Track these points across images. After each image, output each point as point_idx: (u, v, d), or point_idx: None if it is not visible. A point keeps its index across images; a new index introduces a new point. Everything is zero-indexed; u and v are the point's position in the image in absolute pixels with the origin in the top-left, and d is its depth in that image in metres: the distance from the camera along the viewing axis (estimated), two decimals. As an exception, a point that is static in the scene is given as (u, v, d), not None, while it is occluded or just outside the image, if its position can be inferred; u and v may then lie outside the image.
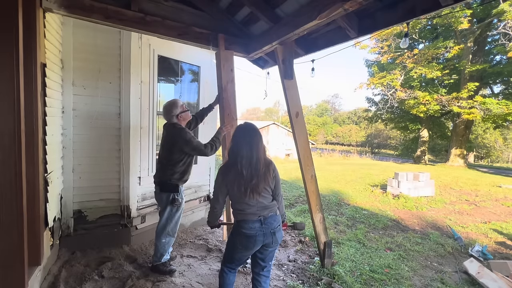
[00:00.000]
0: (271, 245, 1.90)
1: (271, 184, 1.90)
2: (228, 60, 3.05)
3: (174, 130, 2.56)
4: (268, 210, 1.89)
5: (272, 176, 1.90)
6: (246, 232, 1.82)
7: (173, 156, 2.55)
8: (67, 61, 2.83)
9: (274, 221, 1.89)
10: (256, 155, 1.83)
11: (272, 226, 1.88)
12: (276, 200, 1.96)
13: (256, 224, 1.83)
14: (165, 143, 2.63)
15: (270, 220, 1.88)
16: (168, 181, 2.58)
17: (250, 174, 1.80)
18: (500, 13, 13.57)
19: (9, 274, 1.79)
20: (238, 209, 1.87)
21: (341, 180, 10.41)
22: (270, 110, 69.46)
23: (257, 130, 1.93)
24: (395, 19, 2.24)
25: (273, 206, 1.93)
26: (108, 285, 2.41)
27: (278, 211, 1.98)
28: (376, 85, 19.40)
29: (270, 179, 1.88)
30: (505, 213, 6.48)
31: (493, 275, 3.15)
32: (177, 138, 2.51)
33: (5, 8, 1.71)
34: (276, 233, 1.89)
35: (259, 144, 1.86)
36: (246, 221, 1.83)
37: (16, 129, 1.76)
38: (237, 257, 1.95)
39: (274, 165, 1.95)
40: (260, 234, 1.83)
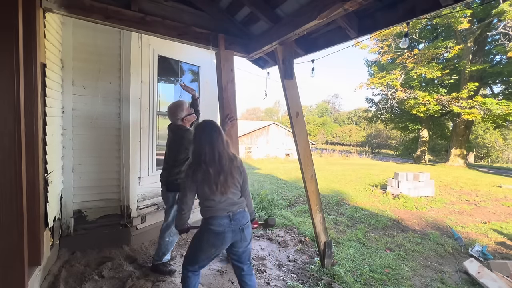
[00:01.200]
0: (240, 243, 1.88)
1: (239, 179, 1.89)
2: (228, 60, 3.05)
3: (179, 131, 2.61)
4: (237, 206, 1.87)
5: (239, 171, 1.88)
6: (215, 229, 1.79)
7: (179, 157, 2.59)
8: (67, 61, 2.83)
9: (242, 218, 1.88)
10: (218, 150, 1.80)
11: (241, 223, 1.86)
12: (243, 197, 1.95)
13: (225, 220, 1.80)
14: (171, 144, 2.68)
15: (239, 216, 1.86)
16: (174, 180, 2.60)
17: (217, 171, 1.77)
18: (500, 13, 13.58)
19: (9, 274, 1.79)
20: (207, 206, 1.83)
21: (341, 180, 10.41)
22: (270, 110, 69.48)
23: (215, 125, 1.90)
24: (395, 19, 2.24)
25: (242, 202, 1.92)
26: (108, 285, 2.41)
27: (247, 208, 1.97)
28: (376, 85, 19.42)
29: (237, 174, 1.87)
30: (505, 213, 6.48)
31: (493, 275, 3.15)
32: (183, 140, 2.56)
33: (5, 8, 1.71)
34: (244, 230, 1.87)
35: (219, 139, 1.83)
36: (215, 217, 1.80)
37: (16, 129, 1.76)
38: (202, 257, 1.89)
39: (240, 160, 1.93)
40: (229, 230, 1.81)
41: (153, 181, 3.45)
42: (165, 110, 3.93)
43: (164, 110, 3.80)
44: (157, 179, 3.43)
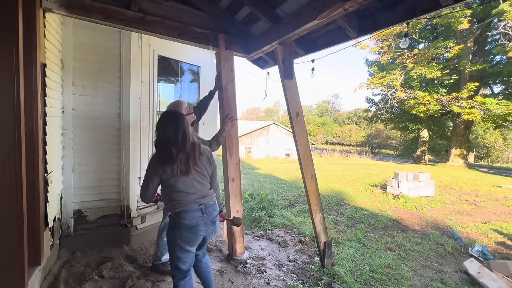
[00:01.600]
0: (210, 235, 1.89)
1: (208, 168, 1.85)
2: (228, 60, 3.05)
3: None
4: (208, 198, 1.85)
5: (208, 160, 1.85)
6: (187, 223, 1.73)
7: None
8: (67, 61, 2.83)
9: (214, 210, 1.87)
10: (183, 132, 1.74)
11: (212, 215, 1.85)
12: (213, 189, 1.93)
13: (197, 213, 1.76)
14: None
15: (210, 209, 1.84)
16: None
17: (179, 150, 1.71)
18: (500, 13, 13.58)
19: (9, 274, 1.79)
20: (176, 199, 1.76)
21: (341, 180, 10.41)
22: (270, 110, 69.49)
23: (176, 112, 1.85)
24: (395, 19, 2.24)
25: (212, 194, 1.90)
26: (108, 285, 2.41)
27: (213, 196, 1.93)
28: (376, 85, 19.42)
29: (206, 163, 1.84)
30: (505, 213, 6.48)
31: (493, 275, 3.15)
32: None
33: (5, 8, 1.71)
34: (215, 222, 1.88)
35: (183, 123, 1.77)
36: (186, 211, 1.74)
37: (16, 129, 1.76)
38: (181, 257, 1.80)
39: (210, 151, 1.91)
40: (202, 223, 1.77)
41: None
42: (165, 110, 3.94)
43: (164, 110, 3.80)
44: (157, 179, 3.44)
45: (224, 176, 3.11)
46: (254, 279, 2.75)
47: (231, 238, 3.06)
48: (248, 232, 4.20)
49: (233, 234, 3.02)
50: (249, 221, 4.72)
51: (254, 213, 5.00)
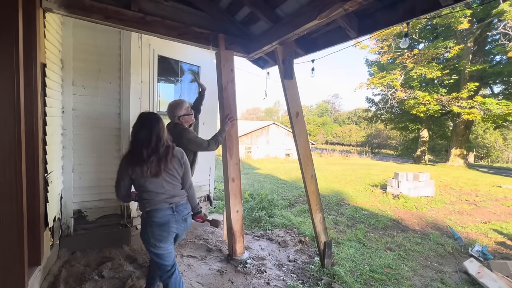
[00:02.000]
0: (182, 233, 1.95)
1: (179, 170, 1.89)
2: (228, 60, 3.05)
3: (176, 129, 2.59)
4: (179, 197, 1.90)
5: (178, 162, 1.88)
6: (158, 221, 1.79)
7: None
8: (67, 61, 2.83)
9: (185, 209, 1.93)
10: (156, 135, 1.78)
11: (184, 213, 1.90)
12: (185, 190, 1.96)
13: (168, 212, 1.82)
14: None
15: (181, 207, 1.90)
16: None
17: (150, 153, 1.75)
18: (500, 13, 13.57)
19: (9, 274, 1.79)
20: (146, 198, 1.82)
21: (341, 180, 10.41)
22: (270, 110, 69.47)
23: (151, 115, 1.87)
24: (395, 19, 2.24)
25: (183, 194, 1.94)
26: (108, 285, 2.41)
27: (184, 196, 1.97)
28: (376, 85, 19.42)
29: (176, 164, 1.86)
30: (505, 213, 6.48)
31: (493, 275, 3.15)
32: (180, 138, 2.53)
33: (5, 8, 1.71)
34: (187, 220, 1.93)
35: (158, 125, 1.81)
36: (157, 209, 1.81)
37: (16, 129, 1.76)
38: (160, 254, 1.85)
39: (182, 152, 1.93)
40: (173, 220, 1.83)
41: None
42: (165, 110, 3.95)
43: (164, 110, 3.80)
44: (157, 179, 3.44)
45: (224, 176, 3.11)
46: (254, 279, 2.75)
47: (231, 238, 3.06)
48: (248, 232, 4.20)
49: (233, 234, 3.02)
50: (249, 221, 4.72)
51: (254, 213, 5.00)
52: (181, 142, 2.54)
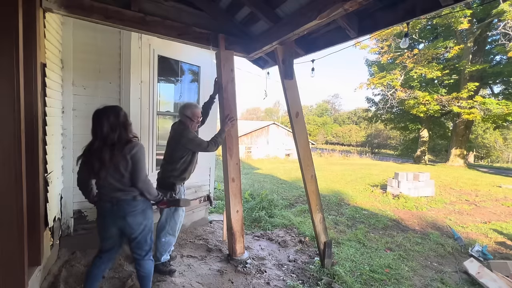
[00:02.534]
0: (126, 230, 1.92)
1: (126, 165, 1.82)
2: (228, 60, 3.05)
3: (179, 127, 2.66)
4: (121, 193, 1.87)
5: (125, 158, 1.81)
6: (99, 212, 1.94)
7: (175, 154, 2.62)
8: (67, 61, 2.83)
9: (127, 206, 1.88)
10: (106, 129, 1.79)
11: (124, 210, 1.87)
12: (135, 187, 1.89)
13: (107, 205, 1.88)
14: (171, 141, 2.73)
15: (123, 203, 1.87)
16: (166, 178, 2.64)
17: (97, 148, 1.81)
18: (500, 13, 13.58)
19: (9, 274, 1.79)
20: (97, 190, 1.94)
21: (341, 180, 10.41)
22: (270, 110, 69.43)
23: (107, 108, 1.86)
24: (395, 19, 2.24)
25: (129, 190, 1.89)
26: (108, 285, 2.41)
27: (139, 197, 1.92)
28: (376, 85, 19.42)
29: (123, 160, 1.80)
30: (505, 213, 6.48)
31: (493, 275, 3.15)
32: (180, 137, 2.59)
33: (5, 8, 1.71)
34: (126, 217, 1.88)
35: (106, 120, 1.81)
36: (100, 201, 1.91)
37: (16, 129, 1.75)
38: (100, 238, 1.99)
39: (132, 147, 1.83)
40: (110, 215, 1.89)
41: (153, 181, 3.43)
42: (165, 110, 3.95)
43: (164, 110, 3.80)
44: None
45: (224, 176, 3.11)
46: (254, 279, 2.75)
47: (231, 238, 3.06)
48: (248, 232, 4.20)
49: (233, 234, 3.02)
50: (249, 221, 4.72)
51: (254, 213, 5.00)
52: (180, 141, 2.58)
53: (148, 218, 2.00)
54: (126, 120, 1.89)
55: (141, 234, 1.97)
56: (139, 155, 1.87)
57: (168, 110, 4.03)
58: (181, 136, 2.59)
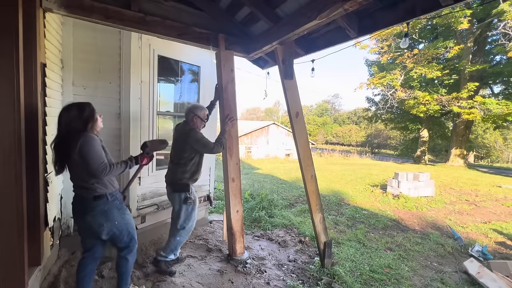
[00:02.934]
0: (92, 229, 1.92)
1: (77, 159, 1.78)
2: (229, 60, 3.05)
3: (184, 128, 2.67)
4: (84, 190, 1.88)
5: (75, 151, 1.76)
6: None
7: (184, 155, 2.61)
8: (67, 61, 2.83)
9: (87, 205, 1.87)
10: (64, 122, 1.87)
11: (84, 209, 1.89)
12: (94, 181, 1.85)
13: (72, 202, 1.97)
14: (175, 143, 2.73)
15: (83, 202, 1.89)
16: (179, 181, 2.63)
17: (56, 144, 1.87)
18: (500, 13, 13.57)
19: (9, 274, 1.79)
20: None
21: (341, 180, 10.41)
22: (270, 110, 69.41)
23: (68, 106, 1.92)
24: (395, 19, 2.24)
25: (91, 188, 1.85)
26: (108, 285, 2.41)
27: (102, 197, 1.88)
28: (376, 85, 19.41)
29: (76, 154, 1.77)
30: (505, 213, 6.48)
31: (493, 275, 3.15)
32: (187, 137, 2.59)
33: (5, 8, 1.71)
34: (86, 216, 1.88)
35: (64, 116, 1.88)
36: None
37: (16, 129, 1.75)
38: (80, 237, 2.04)
39: (79, 140, 1.77)
40: (75, 213, 1.96)
41: (153, 181, 3.45)
42: (165, 110, 3.94)
43: (164, 110, 3.80)
44: (157, 179, 3.44)
45: (224, 176, 3.11)
46: (254, 279, 2.75)
47: (231, 238, 3.06)
48: (248, 232, 4.20)
49: (233, 234, 3.02)
50: (249, 221, 4.72)
51: (254, 213, 5.00)
52: (187, 141, 2.58)
53: (110, 220, 1.92)
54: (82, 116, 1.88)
55: (107, 235, 1.94)
56: (86, 147, 1.78)
57: (168, 110, 4.03)
58: (187, 136, 2.58)
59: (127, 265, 2.12)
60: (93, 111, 1.96)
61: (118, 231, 1.98)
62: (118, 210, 1.99)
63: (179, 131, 2.73)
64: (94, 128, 1.95)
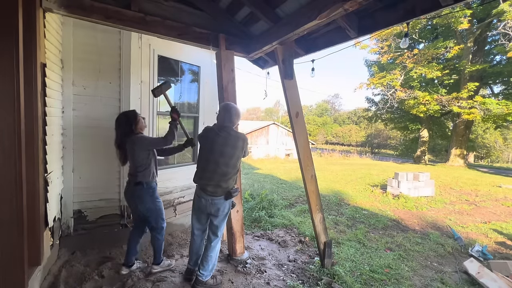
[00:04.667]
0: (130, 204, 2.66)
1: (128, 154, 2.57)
2: (229, 60, 3.05)
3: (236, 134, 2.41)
4: (131, 176, 2.53)
5: (126, 148, 2.55)
6: None
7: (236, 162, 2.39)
8: (67, 61, 2.83)
9: (131, 188, 2.52)
10: (117, 127, 2.56)
11: (129, 191, 2.55)
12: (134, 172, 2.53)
13: (126, 183, 2.64)
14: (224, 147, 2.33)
15: (129, 186, 2.56)
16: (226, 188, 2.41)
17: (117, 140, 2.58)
18: (500, 13, 13.57)
19: (9, 274, 1.79)
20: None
21: (341, 180, 10.41)
22: (270, 110, 69.39)
23: (119, 114, 2.60)
24: (395, 19, 2.24)
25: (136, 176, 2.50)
26: (108, 285, 2.41)
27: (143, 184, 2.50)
28: (376, 85, 19.40)
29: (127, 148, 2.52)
30: (505, 213, 6.48)
31: (493, 275, 3.15)
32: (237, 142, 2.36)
33: (5, 8, 1.71)
34: (129, 198, 2.57)
35: (117, 122, 2.55)
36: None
37: (16, 129, 1.76)
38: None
39: (130, 141, 2.49)
40: (125, 192, 2.62)
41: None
42: (165, 110, 3.94)
43: (164, 110, 3.80)
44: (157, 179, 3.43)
45: (224, 176, 3.10)
46: (254, 279, 2.75)
47: (231, 238, 3.06)
48: (248, 232, 4.20)
49: (233, 234, 3.02)
50: (249, 221, 4.72)
51: (254, 213, 5.00)
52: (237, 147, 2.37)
53: (143, 203, 2.48)
54: (128, 121, 2.51)
55: (141, 212, 2.52)
56: (132, 146, 2.45)
57: (168, 110, 4.02)
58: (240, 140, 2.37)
59: (157, 242, 2.63)
60: (135, 116, 2.52)
61: (147, 214, 2.52)
62: (151, 197, 2.52)
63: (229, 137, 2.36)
64: (139, 128, 2.55)
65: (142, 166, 2.46)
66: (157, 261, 2.68)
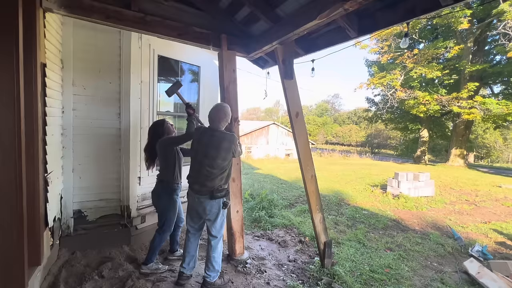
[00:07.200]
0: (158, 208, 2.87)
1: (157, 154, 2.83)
2: (231, 60, 3.05)
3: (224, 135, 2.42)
4: (158, 175, 2.80)
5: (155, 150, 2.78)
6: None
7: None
8: (67, 61, 2.83)
9: (158, 186, 2.76)
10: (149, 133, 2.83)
11: (157, 189, 2.77)
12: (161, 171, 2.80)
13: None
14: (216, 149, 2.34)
15: (157, 184, 2.79)
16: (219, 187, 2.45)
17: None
18: (500, 13, 13.57)
19: (9, 274, 1.79)
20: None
21: (341, 180, 10.41)
22: (270, 110, 69.37)
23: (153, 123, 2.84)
24: (395, 19, 2.24)
25: (163, 174, 2.75)
26: (108, 285, 2.41)
27: (164, 183, 2.73)
28: (376, 85, 19.40)
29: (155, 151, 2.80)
30: (505, 213, 6.48)
31: (493, 275, 3.15)
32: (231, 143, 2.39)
33: (5, 8, 1.71)
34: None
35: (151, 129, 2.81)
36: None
37: (16, 129, 1.75)
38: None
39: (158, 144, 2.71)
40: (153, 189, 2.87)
41: (153, 181, 3.43)
42: (165, 110, 3.94)
43: (164, 110, 3.80)
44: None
45: (224, 176, 3.10)
46: (254, 279, 2.75)
47: (231, 238, 3.06)
48: (248, 232, 4.20)
49: (233, 234, 3.02)
50: (249, 221, 4.72)
51: (254, 213, 5.00)
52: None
53: (161, 200, 2.67)
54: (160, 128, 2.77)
55: (159, 209, 2.72)
56: (159, 146, 2.66)
57: (168, 110, 4.03)
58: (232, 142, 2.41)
59: (155, 242, 2.65)
60: (162, 124, 2.75)
61: (160, 211, 2.72)
62: (168, 196, 2.67)
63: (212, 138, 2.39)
64: (168, 134, 2.76)
65: (166, 165, 2.67)
66: (147, 261, 2.64)
